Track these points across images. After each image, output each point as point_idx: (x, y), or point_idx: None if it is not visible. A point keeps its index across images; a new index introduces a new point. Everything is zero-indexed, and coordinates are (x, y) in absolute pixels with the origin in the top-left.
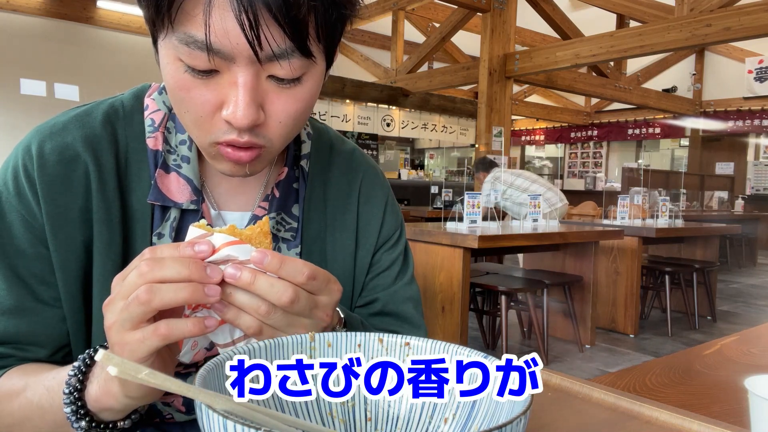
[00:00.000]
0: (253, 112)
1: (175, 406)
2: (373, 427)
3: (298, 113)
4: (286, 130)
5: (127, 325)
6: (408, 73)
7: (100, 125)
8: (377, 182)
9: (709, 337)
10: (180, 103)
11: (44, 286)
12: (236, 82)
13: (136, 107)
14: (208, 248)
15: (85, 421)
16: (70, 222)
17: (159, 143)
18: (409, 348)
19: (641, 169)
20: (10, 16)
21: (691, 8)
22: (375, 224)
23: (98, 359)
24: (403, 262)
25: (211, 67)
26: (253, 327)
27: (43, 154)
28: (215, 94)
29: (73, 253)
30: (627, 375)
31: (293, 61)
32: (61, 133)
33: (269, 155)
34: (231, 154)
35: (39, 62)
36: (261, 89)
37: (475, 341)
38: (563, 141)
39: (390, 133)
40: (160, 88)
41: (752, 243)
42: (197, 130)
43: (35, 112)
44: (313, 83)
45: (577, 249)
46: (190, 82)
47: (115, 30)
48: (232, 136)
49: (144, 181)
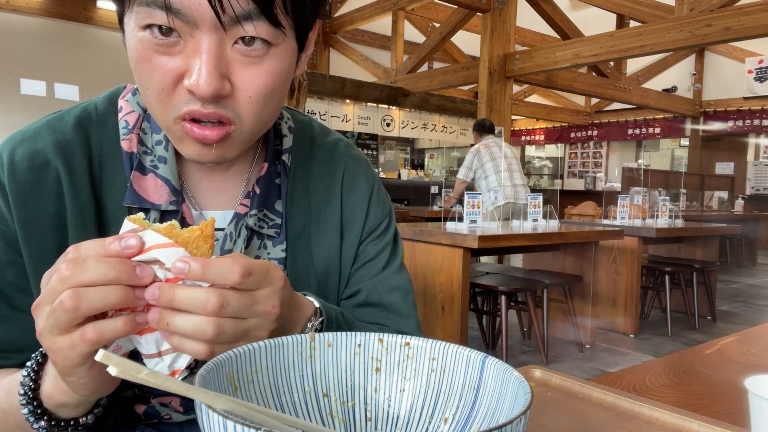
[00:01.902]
0: (217, 80)
1: (173, 407)
2: (373, 427)
3: (268, 88)
4: (257, 107)
5: (55, 331)
6: (408, 73)
7: (72, 130)
8: (360, 172)
9: (709, 337)
10: (144, 77)
11: (20, 294)
12: (199, 48)
13: (109, 110)
14: (137, 243)
15: (44, 421)
16: (42, 228)
17: (134, 145)
18: (409, 348)
19: (641, 169)
20: (10, 16)
21: (691, 8)
22: (359, 215)
23: (98, 359)
24: (392, 252)
25: (171, 25)
26: (202, 352)
27: (13, 161)
28: (177, 64)
29: (46, 260)
30: (627, 375)
31: (258, 25)
32: (31, 139)
33: (240, 137)
34: (196, 133)
35: (39, 62)
36: (225, 58)
37: (475, 341)
38: (563, 141)
39: (390, 133)
40: (134, 89)
41: (752, 243)
42: (160, 105)
43: (35, 112)
44: (283, 58)
45: (577, 249)
46: (152, 51)
47: (115, 30)
48: (195, 107)
49: (119, 184)
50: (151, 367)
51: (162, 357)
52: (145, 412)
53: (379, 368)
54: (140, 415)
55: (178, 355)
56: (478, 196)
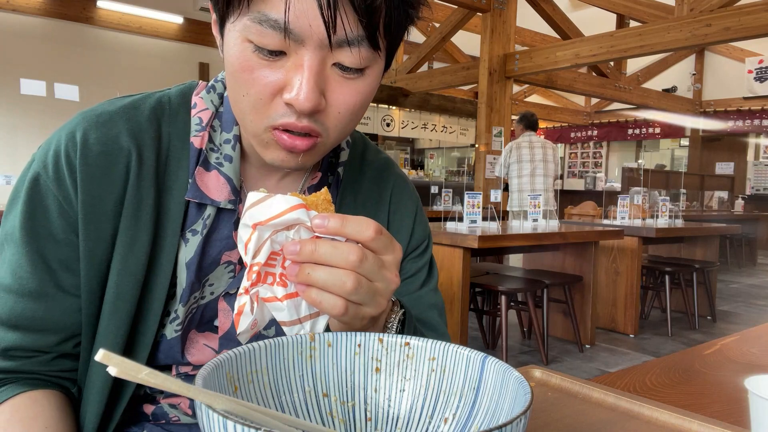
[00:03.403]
0: (317, 96)
1: (182, 409)
2: (373, 427)
3: (357, 107)
4: (343, 123)
5: None
6: (408, 73)
7: (147, 120)
8: (407, 193)
9: (709, 337)
10: (241, 85)
11: (68, 274)
12: (302, 64)
13: (182, 105)
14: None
15: None
16: (102, 214)
17: (204, 142)
18: (409, 348)
19: (641, 169)
20: (10, 16)
21: (691, 8)
22: (404, 233)
23: (98, 359)
24: (429, 272)
25: (280, 48)
26: (338, 307)
27: (87, 143)
28: (278, 77)
29: (100, 245)
30: (627, 375)
31: (362, 50)
32: (107, 123)
33: (323, 148)
34: (287, 142)
35: (39, 62)
36: (325, 75)
37: (475, 341)
38: (563, 141)
39: (390, 133)
40: (208, 87)
41: (752, 243)
42: (254, 114)
43: (35, 112)
44: (373, 79)
45: (577, 249)
46: (255, 63)
47: (115, 30)
48: (290, 120)
49: (181, 180)
50: (293, 333)
51: (302, 324)
52: (153, 412)
53: (379, 368)
54: (148, 415)
55: (315, 322)
56: (478, 196)
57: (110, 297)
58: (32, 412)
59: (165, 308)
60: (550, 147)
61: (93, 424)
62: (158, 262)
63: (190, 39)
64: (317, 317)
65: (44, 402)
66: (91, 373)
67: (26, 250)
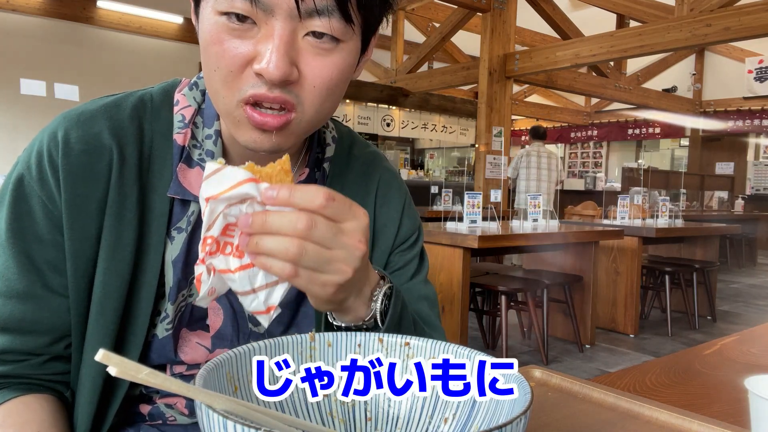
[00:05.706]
0: (286, 65)
1: (178, 409)
2: (373, 427)
3: (332, 81)
4: (319, 98)
5: None
6: (408, 73)
7: (128, 118)
8: (394, 186)
9: (709, 337)
10: (212, 59)
11: (55, 274)
12: (272, 35)
13: (165, 102)
14: None
15: None
16: (86, 212)
17: (187, 139)
18: (409, 348)
19: (641, 169)
20: (10, 16)
21: (691, 8)
22: (391, 227)
23: (97, 359)
24: (419, 264)
25: (248, 14)
26: (286, 270)
27: (68, 142)
28: (248, 48)
29: (86, 244)
30: (627, 375)
31: (332, 20)
32: (88, 122)
33: (298, 127)
34: (257, 119)
35: (39, 62)
36: (296, 46)
37: (475, 341)
38: (563, 141)
39: (390, 133)
40: (190, 84)
41: (752, 243)
42: (225, 89)
43: (35, 112)
44: (348, 55)
45: (577, 249)
46: (225, 35)
47: (115, 30)
48: (261, 90)
49: (166, 177)
50: (247, 304)
51: (256, 293)
52: (150, 412)
53: None
54: (144, 416)
55: (271, 292)
56: (478, 196)
57: (97, 297)
58: (25, 417)
59: (155, 307)
60: (554, 157)
61: (85, 425)
62: (145, 261)
63: (190, 39)
64: (274, 286)
65: (37, 407)
66: (81, 374)
67: (13, 251)
